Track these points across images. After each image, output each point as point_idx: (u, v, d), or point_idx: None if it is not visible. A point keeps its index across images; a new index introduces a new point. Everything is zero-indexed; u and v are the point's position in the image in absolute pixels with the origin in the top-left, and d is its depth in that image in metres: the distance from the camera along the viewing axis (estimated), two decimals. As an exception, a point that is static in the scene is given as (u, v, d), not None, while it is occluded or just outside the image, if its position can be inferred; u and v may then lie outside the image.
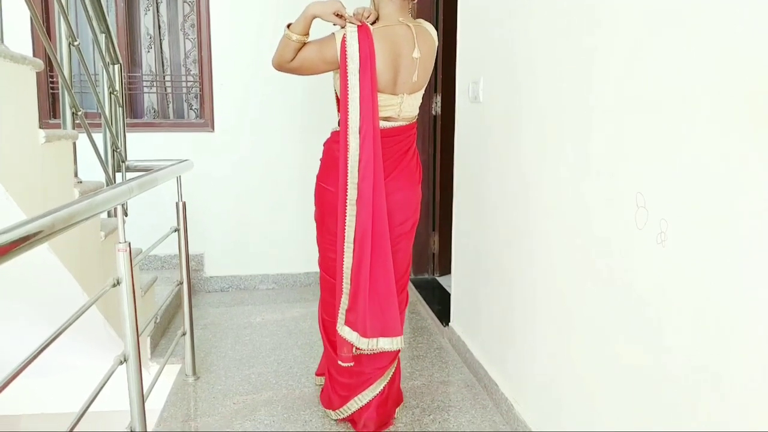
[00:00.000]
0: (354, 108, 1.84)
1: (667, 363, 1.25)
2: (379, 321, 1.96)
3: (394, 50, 1.86)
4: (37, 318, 2.05)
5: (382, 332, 1.97)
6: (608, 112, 1.46)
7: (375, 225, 1.89)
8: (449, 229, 2.95)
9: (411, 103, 1.97)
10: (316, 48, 1.86)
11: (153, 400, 2.06)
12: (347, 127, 1.86)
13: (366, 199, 1.87)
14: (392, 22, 1.89)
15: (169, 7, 3.75)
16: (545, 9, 1.80)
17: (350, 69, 1.82)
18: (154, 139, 3.55)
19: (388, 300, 1.95)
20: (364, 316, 1.94)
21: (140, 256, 2.18)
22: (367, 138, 1.85)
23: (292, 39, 1.84)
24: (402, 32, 1.88)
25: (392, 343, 1.98)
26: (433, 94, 3.64)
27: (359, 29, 1.82)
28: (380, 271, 1.93)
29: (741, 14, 1.03)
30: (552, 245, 1.80)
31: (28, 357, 1.13)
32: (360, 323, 1.95)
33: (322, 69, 1.90)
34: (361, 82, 1.82)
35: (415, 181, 2.04)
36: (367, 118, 1.84)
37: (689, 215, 1.16)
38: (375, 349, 1.97)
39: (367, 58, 1.81)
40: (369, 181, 1.86)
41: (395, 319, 1.97)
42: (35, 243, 1.01)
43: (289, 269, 3.84)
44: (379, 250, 1.92)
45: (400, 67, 1.88)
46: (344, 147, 1.87)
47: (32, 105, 1.72)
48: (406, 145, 2.01)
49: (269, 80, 3.57)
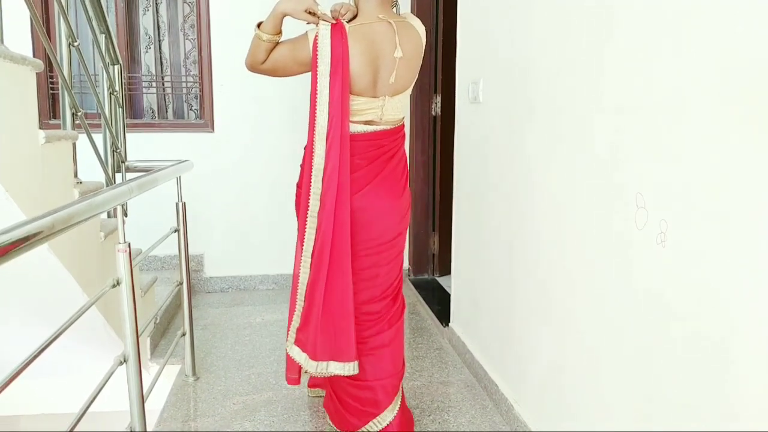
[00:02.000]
0: (322, 112, 1.73)
1: (666, 363, 1.25)
2: (331, 343, 1.84)
3: (372, 50, 1.74)
4: (36, 318, 2.05)
5: (332, 356, 1.85)
6: (608, 113, 1.46)
7: (335, 241, 1.78)
8: (449, 229, 2.95)
9: (394, 106, 1.84)
10: (289, 48, 1.76)
11: (153, 400, 2.06)
12: (314, 132, 1.76)
13: (328, 213, 1.76)
14: (371, 20, 1.76)
15: (168, 7, 3.76)
16: (545, 9, 1.80)
17: (320, 70, 1.71)
18: (154, 139, 3.56)
19: (343, 322, 1.83)
20: (315, 337, 1.83)
21: (140, 257, 2.18)
22: (333, 145, 1.73)
23: (262, 39, 1.72)
24: (382, 30, 1.75)
25: (344, 368, 1.85)
26: (433, 95, 3.65)
27: (333, 27, 1.71)
28: (336, 291, 1.81)
29: (741, 15, 1.03)
30: (552, 245, 1.80)
31: (28, 357, 1.13)
32: (310, 344, 1.85)
33: (296, 71, 1.80)
34: (331, 85, 1.71)
35: (399, 189, 1.91)
36: (336, 125, 1.73)
37: (689, 216, 1.16)
38: (324, 373, 1.86)
39: (340, 58, 1.70)
40: (332, 194, 1.75)
41: (349, 342, 1.84)
42: (35, 243, 1.01)
43: (289, 269, 3.76)
44: (337, 268, 1.80)
45: (380, 68, 1.76)
46: (309, 154, 1.78)
47: (32, 105, 1.72)
48: (391, 151, 1.87)
49: (269, 81, 3.55)
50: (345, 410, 2.01)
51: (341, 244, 1.79)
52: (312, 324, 1.84)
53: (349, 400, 1.99)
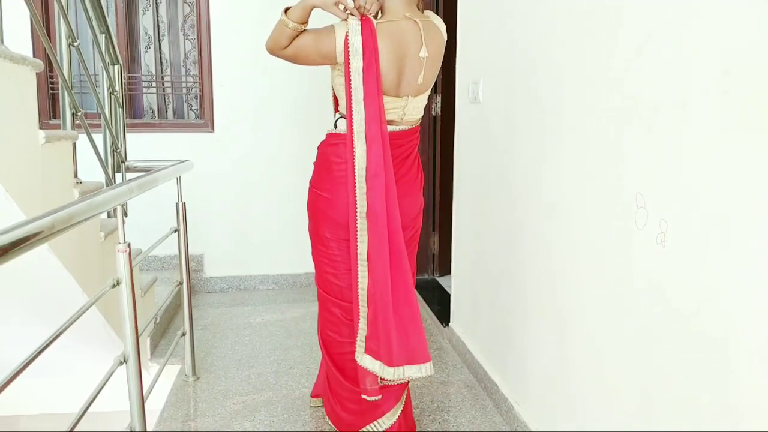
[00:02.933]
0: (359, 110, 1.70)
1: (667, 362, 1.25)
2: (405, 347, 1.77)
3: (399, 49, 1.71)
4: (36, 318, 2.05)
5: (408, 360, 1.77)
6: (608, 113, 1.46)
7: (391, 240, 1.73)
8: (449, 229, 2.95)
9: (416, 106, 1.83)
10: (313, 38, 1.71)
11: (153, 400, 2.06)
12: (352, 131, 1.71)
13: (378, 213, 1.72)
14: (398, 17, 1.72)
15: (168, 7, 3.76)
16: (545, 10, 1.80)
17: (353, 67, 1.68)
18: (154, 139, 3.55)
19: (412, 323, 1.78)
20: (387, 343, 1.75)
21: (140, 257, 2.18)
22: (374, 142, 1.70)
23: (288, 26, 1.68)
24: (408, 28, 1.72)
25: (420, 370, 1.78)
26: (433, 95, 3.65)
27: (363, 23, 1.67)
28: (400, 291, 1.76)
29: (741, 15, 1.03)
30: (552, 246, 1.80)
31: (28, 357, 1.13)
32: (384, 351, 1.75)
33: (318, 61, 1.75)
34: (366, 81, 1.68)
35: (416, 189, 1.91)
36: (374, 121, 1.70)
37: (689, 216, 1.16)
38: (402, 378, 1.77)
39: (372, 54, 1.67)
40: (380, 191, 1.71)
41: (422, 343, 1.79)
42: (35, 243, 1.01)
43: (289, 269, 3.84)
44: (398, 268, 1.75)
45: (405, 67, 1.73)
46: (350, 152, 1.73)
47: (32, 105, 1.72)
48: (407, 151, 1.87)
49: (269, 81, 3.57)
50: (343, 410, 1.99)
51: (397, 242, 1.75)
52: (381, 330, 1.75)
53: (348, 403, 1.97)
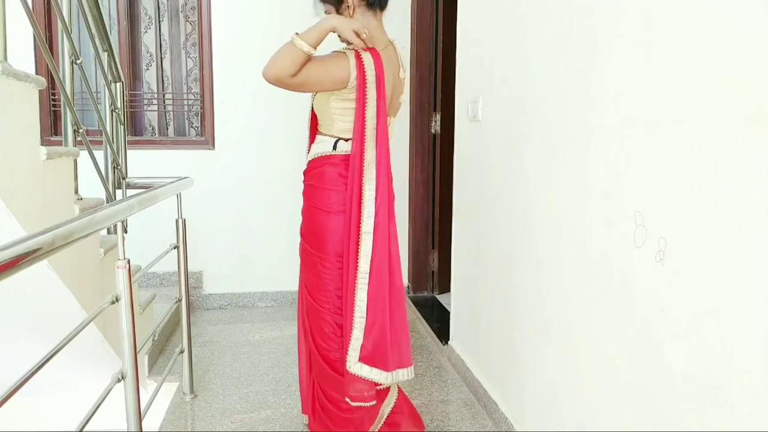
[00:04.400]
0: (371, 138, 1.78)
1: (668, 381, 1.24)
2: (397, 352, 1.90)
3: (390, 74, 1.83)
4: (34, 335, 2.03)
5: (399, 363, 1.91)
6: (607, 131, 1.47)
7: (392, 255, 1.87)
8: (448, 246, 2.95)
9: (393, 125, 1.95)
10: (322, 65, 1.73)
11: (150, 418, 2.04)
12: (363, 159, 1.79)
13: (384, 230, 1.83)
14: (384, 44, 1.84)
15: (170, 26, 3.79)
16: (543, 28, 1.82)
17: (369, 95, 1.75)
18: (154, 156, 3.57)
19: (403, 330, 1.93)
20: (385, 350, 1.86)
21: (139, 273, 2.18)
22: (381, 169, 1.81)
23: (303, 49, 1.66)
24: (391, 53, 1.85)
25: (408, 372, 1.92)
26: (433, 113, 3.67)
27: (372, 53, 1.76)
28: (397, 301, 1.90)
29: (739, 33, 1.04)
30: (551, 264, 1.80)
31: (26, 374, 1.12)
32: (380, 358, 1.86)
33: (328, 87, 1.78)
34: (379, 111, 1.78)
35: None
36: (382, 148, 1.81)
37: (688, 234, 1.17)
38: (393, 381, 1.91)
39: (383, 84, 1.76)
40: (384, 209, 1.83)
41: (408, 347, 1.94)
42: (35, 260, 1.01)
43: (288, 287, 3.83)
44: (395, 280, 1.89)
45: (394, 90, 1.86)
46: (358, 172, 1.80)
47: (34, 122, 1.73)
48: None
49: (270, 98, 3.59)
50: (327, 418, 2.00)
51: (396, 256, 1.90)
52: (379, 338, 1.85)
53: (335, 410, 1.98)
